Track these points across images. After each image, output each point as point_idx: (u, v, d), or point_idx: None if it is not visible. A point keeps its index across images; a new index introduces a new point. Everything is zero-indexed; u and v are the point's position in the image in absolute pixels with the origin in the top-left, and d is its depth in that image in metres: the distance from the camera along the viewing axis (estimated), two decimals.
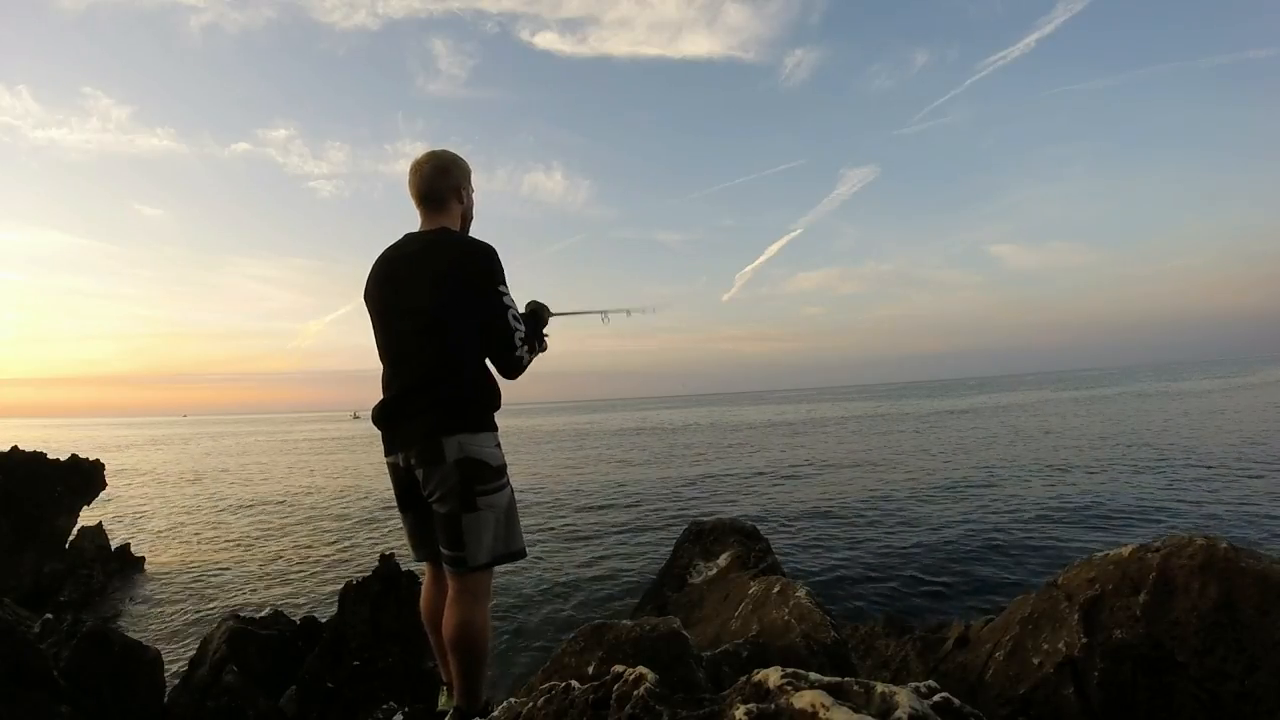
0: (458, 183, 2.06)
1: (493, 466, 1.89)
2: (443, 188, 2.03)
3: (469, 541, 1.85)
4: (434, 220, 2.03)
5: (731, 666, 2.69)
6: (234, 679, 3.88)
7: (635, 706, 1.61)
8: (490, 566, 1.91)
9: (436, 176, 2.03)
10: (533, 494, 16.92)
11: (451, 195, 2.05)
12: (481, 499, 1.85)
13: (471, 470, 1.84)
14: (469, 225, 2.14)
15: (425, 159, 2.05)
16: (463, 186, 2.08)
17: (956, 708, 1.47)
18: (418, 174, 2.03)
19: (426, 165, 2.03)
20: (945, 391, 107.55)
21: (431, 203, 2.03)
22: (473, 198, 2.14)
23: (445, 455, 1.82)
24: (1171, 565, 2.43)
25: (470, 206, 2.13)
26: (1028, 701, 2.46)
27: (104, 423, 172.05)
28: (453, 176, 2.05)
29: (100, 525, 10.36)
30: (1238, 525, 9.45)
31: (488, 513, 1.87)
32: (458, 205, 2.08)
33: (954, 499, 12.97)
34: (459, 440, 1.83)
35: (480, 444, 1.87)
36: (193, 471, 28.03)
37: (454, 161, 2.07)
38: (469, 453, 1.84)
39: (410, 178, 2.04)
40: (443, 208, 2.04)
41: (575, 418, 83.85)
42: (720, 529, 5.29)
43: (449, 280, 1.88)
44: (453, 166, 2.06)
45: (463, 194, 2.09)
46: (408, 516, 2.03)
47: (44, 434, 59.39)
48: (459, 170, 2.07)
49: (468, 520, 1.85)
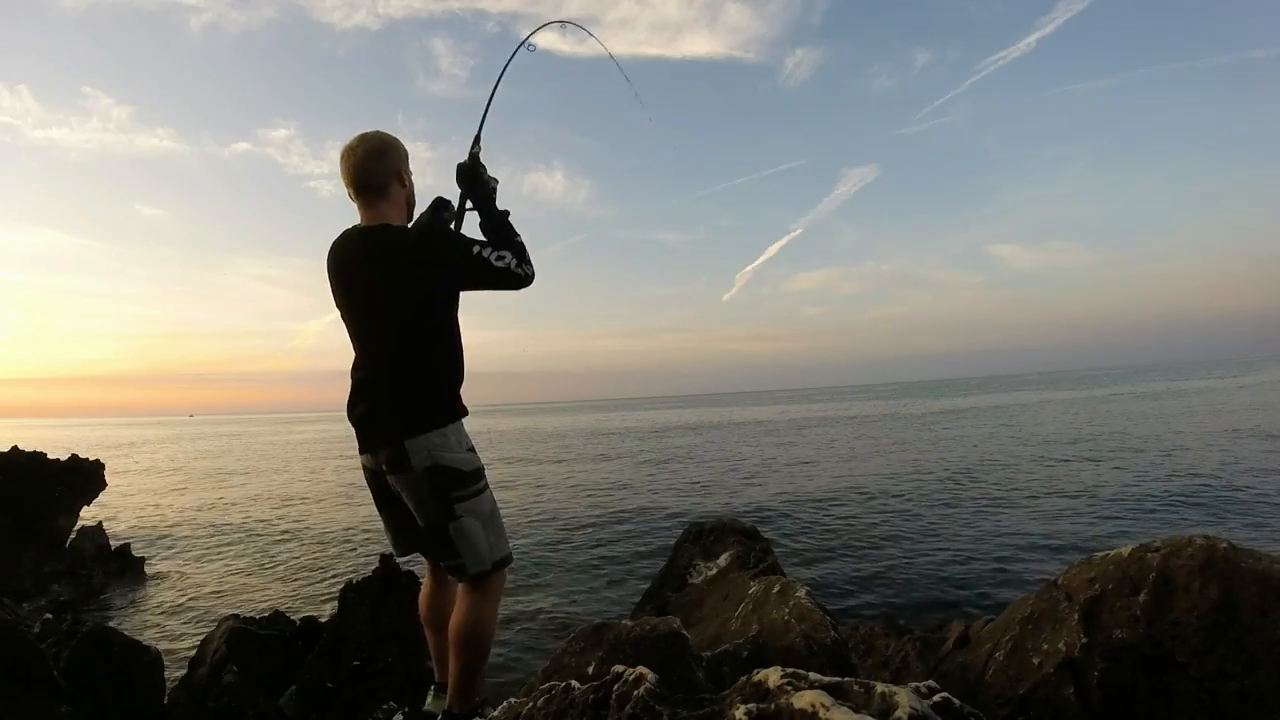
0: (397, 165, 1.88)
1: (466, 472, 1.80)
2: (381, 172, 1.85)
3: (463, 550, 1.80)
4: (375, 210, 1.85)
5: (731, 666, 2.69)
6: (234, 679, 3.88)
7: (635, 706, 1.61)
8: (496, 570, 1.85)
9: (374, 160, 1.84)
10: (532, 494, 16.93)
11: (392, 179, 1.87)
12: (460, 505, 1.78)
13: (443, 478, 1.76)
14: (414, 210, 1.98)
15: (357, 142, 1.84)
16: (402, 169, 1.90)
17: (956, 708, 1.47)
18: (351, 159, 1.82)
19: (360, 149, 1.83)
20: (946, 391, 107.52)
21: (369, 191, 1.84)
22: (413, 181, 1.96)
23: (413, 463, 1.74)
24: (1171, 565, 2.43)
25: (412, 190, 1.96)
26: (1028, 701, 2.46)
27: (105, 423, 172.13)
28: (390, 159, 1.86)
29: (100, 525, 10.35)
30: (1238, 525, 9.45)
31: (471, 519, 1.79)
32: (400, 190, 1.89)
33: (954, 499, 12.97)
34: (426, 446, 1.74)
35: (449, 447, 1.77)
36: (193, 471, 28.03)
37: (389, 143, 1.88)
38: (438, 460, 1.75)
39: (342, 164, 1.84)
40: (382, 195, 1.85)
41: (575, 418, 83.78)
42: (720, 529, 5.29)
43: (403, 286, 1.76)
44: (388, 149, 1.86)
45: (403, 177, 1.90)
46: (385, 513, 1.96)
47: (44, 434, 59.38)
48: (396, 153, 1.88)
49: (454, 529, 1.78)
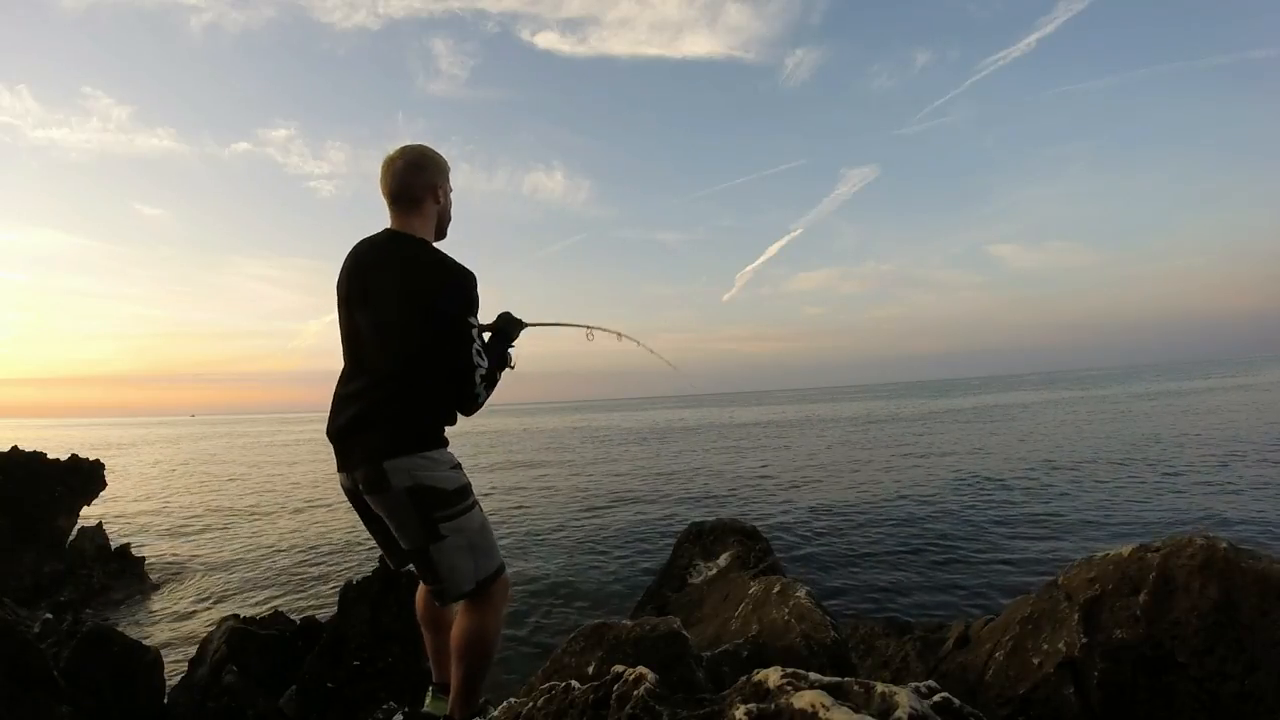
0: (433, 180, 1.90)
1: (449, 491, 1.76)
2: (418, 185, 1.87)
3: (444, 574, 1.76)
4: (407, 221, 1.88)
5: (731, 666, 2.69)
6: (234, 679, 3.88)
7: (635, 706, 1.61)
8: (486, 588, 1.81)
9: (411, 173, 1.87)
10: (532, 494, 16.92)
11: (427, 194, 1.89)
12: (445, 525, 1.74)
13: (425, 498, 1.72)
14: (446, 226, 1.99)
15: (398, 154, 1.88)
16: (439, 185, 1.92)
17: (956, 708, 1.47)
18: (390, 170, 1.87)
19: (399, 161, 1.87)
20: (946, 391, 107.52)
21: (404, 201, 1.87)
22: (450, 198, 1.98)
23: (392, 483, 1.70)
24: (1171, 565, 2.43)
25: (448, 207, 1.97)
26: (1028, 701, 2.46)
27: (105, 423, 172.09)
28: (428, 173, 1.89)
29: (100, 525, 10.34)
30: (1238, 525, 9.44)
31: (456, 538, 1.76)
32: (433, 205, 1.91)
33: (954, 499, 12.95)
34: (407, 467, 1.71)
35: (431, 468, 1.74)
36: (194, 471, 28.02)
37: (430, 157, 1.90)
38: (419, 480, 1.71)
39: (382, 174, 1.88)
40: (417, 207, 1.88)
41: (575, 417, 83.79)
42: (720, 529, 5.29)
43: (421, 300, 1.75)
44: (428, 163, 1.89)
45: (439, 193, 1.92)
46: (372, 529, 1.93)
47: (44, 434, 59.41)
48: (435, 167, 1.91)
49: (435, 551, 1.74)
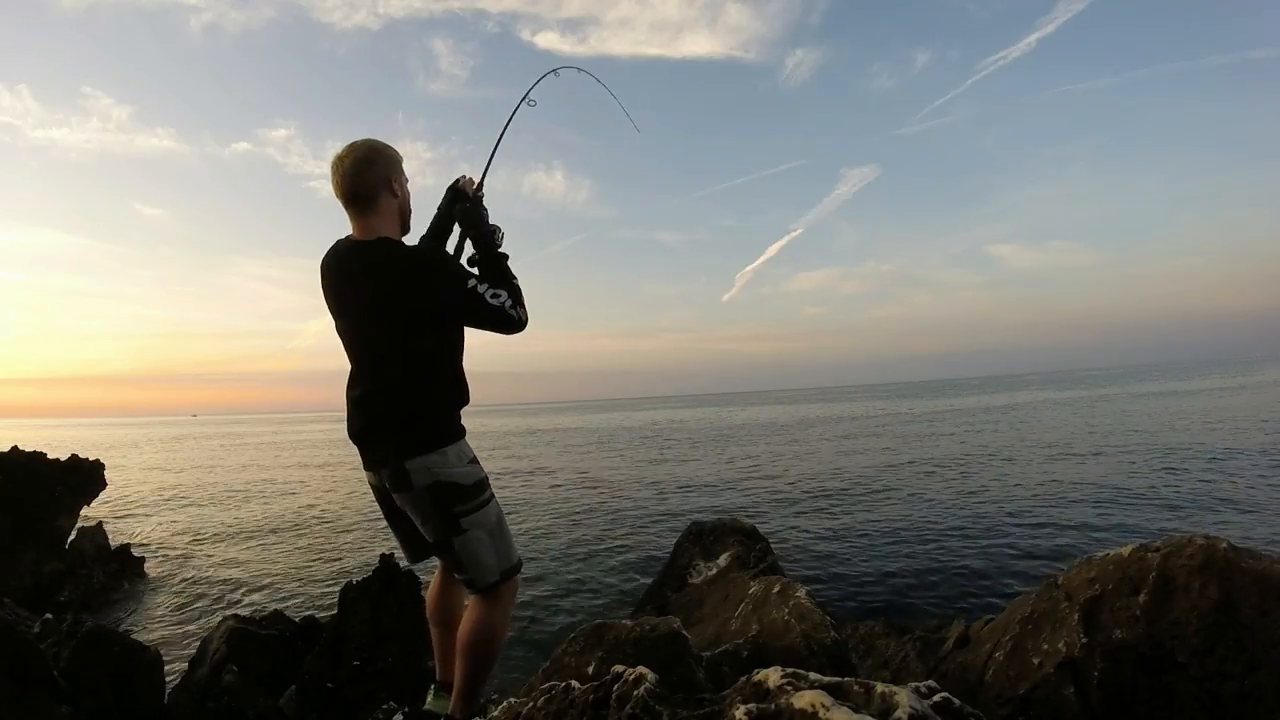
0: (386, 174, 1.81)
1: (468, 485, 1.79)
2: (370, 182, 1.78)
3: (468, 565, 1.82)
4: (367, 223, 1.80)
5: (731, 666, 2.70)
6: (234, 679, 3.88)
7: (635, 706, 1.61)
8: (505, 579, 1.86)
9: (361, 171, 1.77)
10: (533, 494, 16.91)
11: (382, 189, 1.81)
12: (465, 519, 1.78)
13: (445, 494, 1.75)
14: (408, 218, 1.92)
15: (346, 152, 1.78)
16: (393, 178, 1.83)
17: (956, 708, 1.47)
18: (339, 171, 1.78)
19: (348, 160, 1.77)
20: (946, 391, 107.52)
21: (360, 201, 1.79)
22: (407, 189, 1.90)
23: (413, 482, 1.74)
24: (1171, 565, 2.43)
25: (407, 199, 1.90)
26: (1028, 701, 2.46)
27: (106, 423, 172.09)
28: (379, 168, 1.80)
29: (100, 525, 10.34)
30: (1238, 525, 9.44)
31: (478, 531, 1.80)
32: (391, 199, 1.83)
33: (954, 499, 12.95)
34: (426, 464, 1.74)
35: (449, 464, 1.76)
36: (194, 471, 28.01)
37: (379, 150, 1.81)
38: (439, 477, 1.74)
39: (333, 176, 1.79)
40: (373, 205, 1.80)
41: (576, 418, 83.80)
42: (720, 529, 5.30)
43: (410, 302, 1.73)
44: (378, 156, 1.80)
45: (394, 186, 1.83)
46: (394, 525, 1.98)
47: (44, 434, 59.41)
48: (386, 160, 1.82)
49: (459, 544, 1.79)
